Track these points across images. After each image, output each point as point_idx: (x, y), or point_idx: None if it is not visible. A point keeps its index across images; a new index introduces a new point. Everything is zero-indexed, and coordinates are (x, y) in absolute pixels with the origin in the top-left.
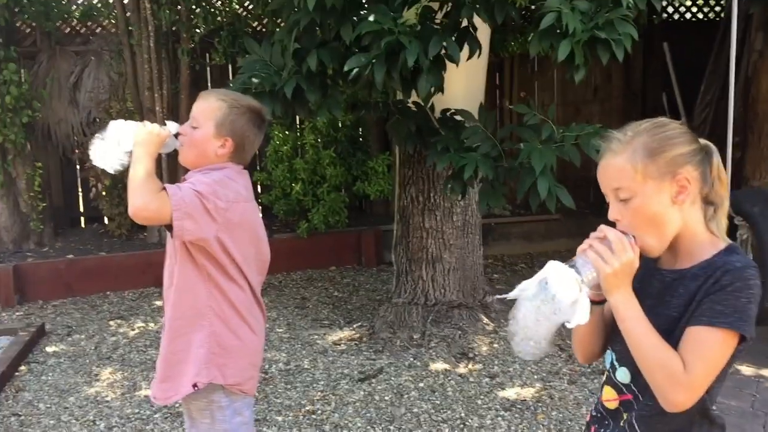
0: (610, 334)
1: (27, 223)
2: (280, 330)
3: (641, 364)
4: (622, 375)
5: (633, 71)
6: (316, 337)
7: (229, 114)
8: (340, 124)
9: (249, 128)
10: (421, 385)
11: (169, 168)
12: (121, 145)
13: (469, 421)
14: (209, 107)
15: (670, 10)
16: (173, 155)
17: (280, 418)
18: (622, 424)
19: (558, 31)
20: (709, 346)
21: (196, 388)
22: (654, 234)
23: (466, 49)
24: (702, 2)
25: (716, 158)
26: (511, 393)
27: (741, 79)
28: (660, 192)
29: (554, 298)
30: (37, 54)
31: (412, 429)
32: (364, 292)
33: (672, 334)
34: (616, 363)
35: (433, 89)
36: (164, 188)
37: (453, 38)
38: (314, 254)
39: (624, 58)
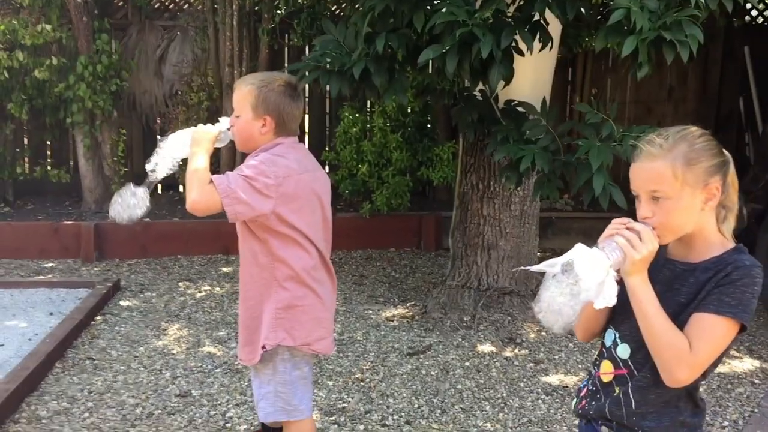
0: (615, 316)
1: (109, 186)
2: (337, 303)
3: (651, 342)
4: (622, 351)
5: (710, 74)
6: (370, 312)
7: (260, 94)
8: (408, 110)
9: (283, 101)
10: (467, 364)
11: (229, 149)
12: (179, 150)
13: (510, 401)
14: (242, 94)
15: (754, 13)
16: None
17: (330, 383)
18: (615, 395)
19: (626, 28)
20: (714, 331)
21: (264, 350)
22: (675, 231)
23: (537, 42)
24: None
25: (732, 168)
26: (553, 379)
27: None
28: (693, 198)
29: (580, 279)
30: (128, 26)
31: (454, 403)
32: (420, 275)
33: (678, 318)
34: (618, 340)
35: (503, 80)
36: (212, 180)
37: (526, 30)
38: (375, 235)
39: (702, 60)
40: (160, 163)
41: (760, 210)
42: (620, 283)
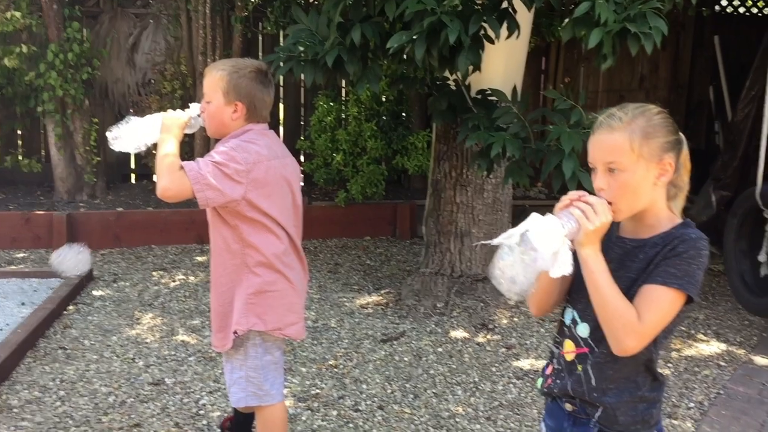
0: (572, 294)
1: (81, 175)
2: (312, 291)
3: (601, 312)
4: (582, 329)
5: (681, 63)
6: (345, 300)
7: (231, 80)
8: (383, 99)
9: (254, 87)
10: (440, 350)
11: (203, 137)
12: (148, 135)
13: (482, 385)
14: (213, 80)
15: (724, 2)
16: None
17: (304, 369)
18: (577, 372)
19: (591, 19)
20: (661, 302)
21: (236, 335)
22: (629, 205)
23: (505, 29)
24: None
25: (686, 149)
26: (525, 363)
27: None
28: (648, 171)
29: (535, 248)
30: (100, 14)
31: (427, 388)
32: (395, 263)
33: (629, 292)
34: (578, 319)
35: (471, 67)
36: (182, 166)
37: (494, 17)
38: (350, 223)
39: (673, 50)
40: (124, 138)
41: (729, 197)
42: (576, 261)
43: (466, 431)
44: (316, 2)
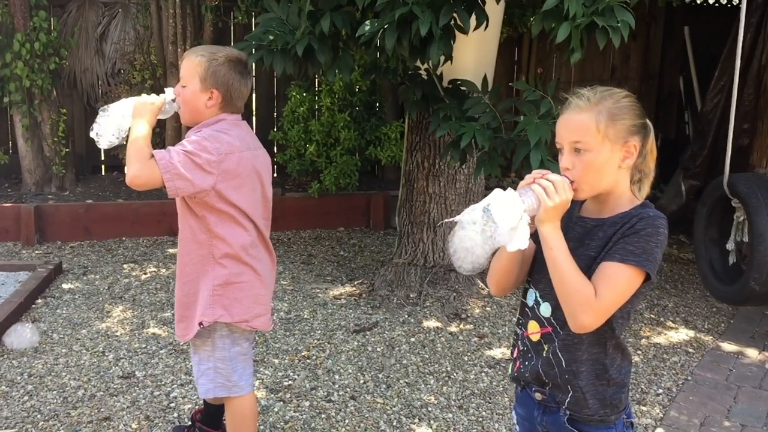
0: (533, 275)
1: (50, 167)
2: (285, 282)
3: (559, 289)
4: (545, 309)
5: (651, 53)
6: (318, 291)
7: (209, 67)
8: (356, 89)
9: (232, 76)
10: (413, 340)
11: (174, 128)
12: (124, 121)
13: (454, 374)
14: (192, 64)
15: None
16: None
17: (276, 361)
18: (545, 354)
19: (560, 13)
20: (619, 279)
21: (201, 326)
22: (592, 185)
23: (474, 20)
24: None
25: (652, 135)
26: (497, 352)
27: (755, 67)
28: (612, 153)
29: (495, 222)
30: (67, 3)
31: (399, 378)
32: (368, 253)
33: (588, 270)
34: (540, 299)
35: (442, 57)
36: (153, 154)
37: (462, 8)
38: (324, 214)
39: (644, 41)
40: (107, 131)
41: (698, 186)
42: (537, 242)
43: (439, 420)
44: None
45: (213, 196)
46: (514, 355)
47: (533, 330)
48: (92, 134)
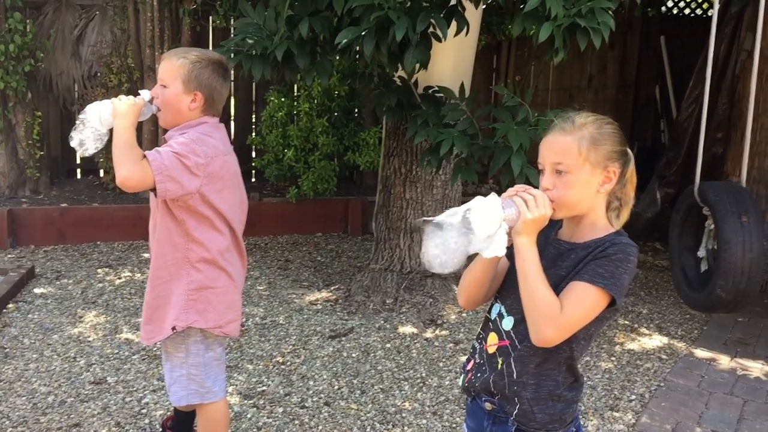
0: (502, 291)
1: (24, 170)
2: (261, 287)
3: (526, 300)
4: (507, 322)
5: (628, 62)
6: (294, 296)
7: (193, 69)
8: (335, 95)
9: (215, 79)
10: (388, 346)
11: (151, 132)
12: (103, 125)
13: (429, 381)
14: (173, 66)
15: (670, 4)
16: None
17: (250, 366)
18: (498, 368)
19: (541, 14)
20: (585, 298)
21: (174, 331)
22: (570, 207)
23: (454, 26)
24: None
25: (632, 164)
26: None
27: (729, 77)
28: (592, 176)
29: (473, 227)
30: (44, 5)
31: (374, 384)
32: (346, 259)
33: (557, 288)
34: (504, 313)
35: (418, 65)
36: (145, 155)
37: (441, 15)
38: (302, 219)
39: (621, 49)
40: (88, 138)
41: (673, 194)
42: (511, 260)
43: (413, 426)
44: None
45: (197, 199)
46: (468, 367)
47: (491, 342)
48: (74, 144)
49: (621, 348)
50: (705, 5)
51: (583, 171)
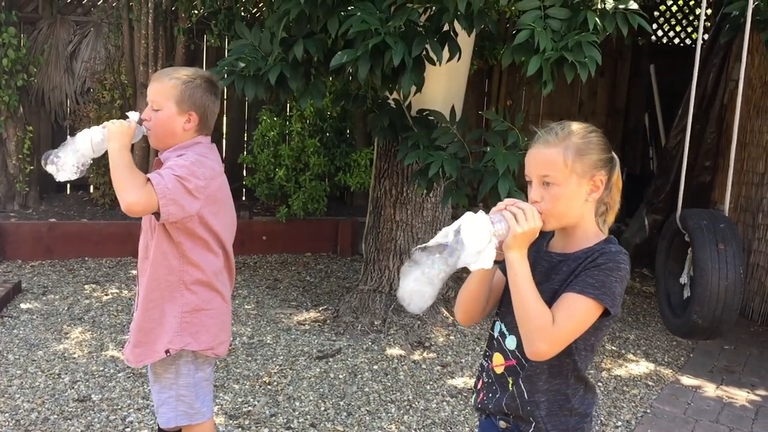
0: (501, 308)
1: (13, 184)
2: (249, 307)
3: (520, 314)
4: (510, 342)
5: (618, 90)
6: (282, 316)
7: (186, 89)
8: (327, 115)
9: (207, 98)
10: (375, 367)
11: (143, 149)
12: (95, 151)
13: (416, 403)
14: (164, 87)
15: (660, 33)
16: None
17: (237, 386)
18: (510, 388)
19: (530, 47)
20: (577, 309)
21: (168, 354)
22: (559, 218)
23: (447, 52)
24: (691, 30)
25: (617, 169)
26: (459, 381)
27: (717, 106)
28: (579, 187)
29: (464, 243)
30: (38, 20)
31: (361, 406)
32: (335, 279)
33: (551, 302)
34: (505, 332)
35: (414, 88)
36: (148, 179)
37: (435, 40)
38: (291, 239)
39: (611, 77)
40: (64, 165)
41: (661, 221)
42: (505, 274)
43: None
44: (260, 16)
45: (195, 222)
46: (478, 386)
47: (498, 362)
48: (49, 168)
49: (608, 374)
50: (694, 35)
51: (570, 182)
